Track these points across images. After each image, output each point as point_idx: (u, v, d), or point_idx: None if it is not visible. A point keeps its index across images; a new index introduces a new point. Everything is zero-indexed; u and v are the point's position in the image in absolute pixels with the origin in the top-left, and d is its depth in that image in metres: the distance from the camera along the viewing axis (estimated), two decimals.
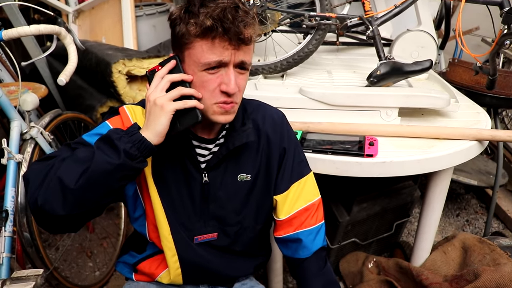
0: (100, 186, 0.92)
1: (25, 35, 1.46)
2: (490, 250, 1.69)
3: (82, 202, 0.92)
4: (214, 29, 0.90)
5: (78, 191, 0.90)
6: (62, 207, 0.91)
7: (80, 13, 3.27)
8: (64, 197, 0.90)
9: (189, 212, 1.13)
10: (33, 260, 1.67)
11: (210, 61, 0.94)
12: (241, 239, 1.21)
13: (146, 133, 0.93)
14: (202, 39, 0.93)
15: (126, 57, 2.16)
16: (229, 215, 1.16)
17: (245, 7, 0.95)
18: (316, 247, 1.19)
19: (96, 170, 0.89)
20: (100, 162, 0.89)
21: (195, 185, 1.11)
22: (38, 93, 1.97)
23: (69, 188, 0.89)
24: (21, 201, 1.59)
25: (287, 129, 1.21)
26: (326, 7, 1.80)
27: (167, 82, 0.96)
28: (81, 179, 0.89)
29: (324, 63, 2.07)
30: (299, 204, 1.18)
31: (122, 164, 0.90)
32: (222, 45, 0.92)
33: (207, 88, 0.97)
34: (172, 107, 0.93)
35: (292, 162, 1.18)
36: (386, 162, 1.35)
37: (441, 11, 2.54)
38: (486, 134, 1.47)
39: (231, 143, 1.09)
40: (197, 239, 1.16)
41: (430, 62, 1.63)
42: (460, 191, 3.00)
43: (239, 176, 1.14)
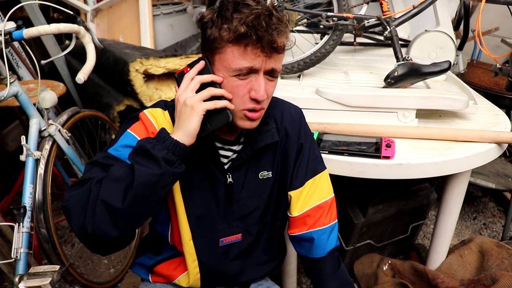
0: (147, 199, 0.91)
1: (45, 33, 1.48)
2: (509, 254, 1.66)
3: (132, 219, 0.92)
4: (248, 36, 0.89)
5: (127, 210, 0.89)
6: (115, 229, 0.90)
7: (98, 12, 3.31)
8: (114, 219, 0.89)
9: (214, 215, 1.13)
10: (49, 256, 1.69)
11: (241, 67, 0.93)
12: (262, 237, 1.22)
13: (178, 135, 0.93)
14: (234, 45, 0.92)
15: (143, 56, 2.18)
16: (252, 214, 1.17)
17: (278, 14, 0.94)
18: (330, 247, 1.19)
19: (141, 184, 0.88)
20: (143, 175, 0.88)
21: (219, 186, 1.11)
22: (56, 91, 1.99)
23: (117, 208, 0.88)
24: (38, 198, 1.61)
25: (304, 125, 1.21)
26: (343, 8, 1.79)
27: (197, 83, 0.95)
28: (127, 197, 0.88)
29: (341, 63, 2.06)
30: (313, 201, 1.18)
31: (164, 173, 0.89)
32: (254, 52, 0.92)
33: (237, 94, 0.96)
34: (202, 107, 0.92)
35: (307, 159, 1.18)
36: (403, 164, 1.34)
37: (460, 11, 2.51)
38: (506, 137, 1.44)
39: (255, 144, 1.08)
40: (223, 242, 1.16)
41: (448, 64, 1.61)
42: (477, 194, 2.95)
43: (261, 174, 1.14)
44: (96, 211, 0.88)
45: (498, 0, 1.62)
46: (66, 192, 0.98)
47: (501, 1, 1.62)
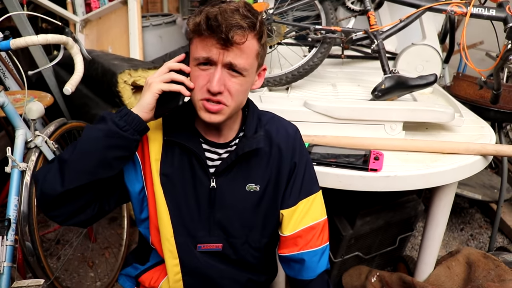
0: (93, 153, 0.99)
1: (32, 44, 1.47)
2: (495, 265, 1.67)
3: (78, 173, 0.98)
4: (201, 25, 0.95)
5: (73, 161, 0.98)
6: (61, 182, 0.97)
7: (88, 22, 3.31)
8: (61, 172, 0.98)
9: (194, 217, 1.12)
10: (34, 269, 1.66)
11: (199, 56, 0.98)
12: (246, 253, 1.19)
13: (134, 109, 1.03)
14: (197, 36, 0.99)
15: (132, 68, 2.17)
16: (235, 226, 1.15)
17: (247, 13, 0.96)
18: (321, 269, 1.18)
19: (87, 137, 0.99)
20: (91, 131, 1.00)
21: (202, 189, 1.11)
22: (43, 102, 1.98)
23: (64, 159, 0.98)
24: (23, 210, 1.59)
25: (299, 143, 1.20)
26: (331, 21, 1.81)
27: (166, 68, 1.03)
28: (75, 150, 0.99)
29: (329, 76, 2.07)
30: (306, 222, 1.16)
31: (110, 130, 0.98)
32: (211, 43, 0.96)
33: (197, 84, 1.01)
34: (158, 87, 1.01)
35: (302, 178, 1.17)
36: (390, 176, 1.35)
37: (445, 25, 2.55)
38: (491, 149, 1.46)
39: (240, 149, 1.09)
40: (200, 247, 1.15)
41: (434, 77, 1.63)
42: (464, 205, 2.98)
43: (248, 185, 1.13)
44: (51, 169, 1.00)
45: (482, 15, 1.65)
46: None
47: (484, 16, 1.64)
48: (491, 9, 1.65)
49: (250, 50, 0.99)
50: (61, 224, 1.18)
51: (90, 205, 1.08)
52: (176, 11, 4.52)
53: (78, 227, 2.22)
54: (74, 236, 2.38)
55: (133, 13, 2.97)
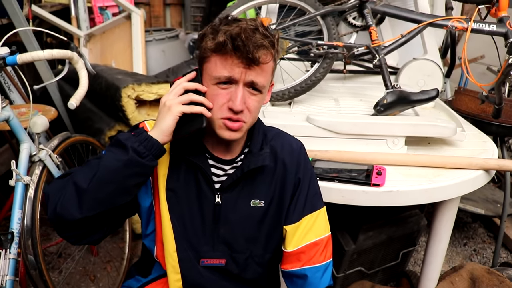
0: (112, 183, 0.97)
1: (38, 59, 1.49)
2: (499, 281, 1.66)
3: (96, 202, 0.97)
4: (225, 45, 0.95)
5: (92, 191, 0.95)
6: (79, 209, 0.96)
7: (92, 37, 3.35)
8: (79, 199, 0.96)
9: (198, 233, 1.13)
10: (36, 283, 1.66)
11: (220, 75, 0.98)
12: (249, 268, 1.19)
13: (153, 132, 1.00)
14: (217, 54, 0.98)
15: (135, 82, 2.19)
16: (239, 241, 1.15)
17: (265, 31, 0.98)
18: (323, 286, 1.17)
19: (106, 167, 0.96)
20: (110, 160, 0.96)
21: (207, 205, 1.11)
22: (48, 116, 1.99)
23: (83, 189, 0.95)
24: (27, 223, 1.59)
25: (304, 159, 1.21)
26: (333, 36, 1.83)
27: (181, 88, 1.01)
28: (93, 179, 0.95)
29: (331, 91, 2.08)
30: (309, 238, 1.16)
31: (130, 160, 0.95)
32: (233, 62, 0.97)
33: (216, 102, 1.01)
34: (178, 109, 0.98)
35: (306, 194, 1.18)
36: (392, 191, 1.35)
37: (446, 40, 2.57)
38: (493, 164, 1.46)
39: (246, 166, 1.10)
40: (203, 262, 1.15)
41: (436, 91, 1.65)
42: (467, 220, 2.97)
43: (252, 201, 1.14)
44: (66, 192, 0.97)
45: (482, 30, 1.67)
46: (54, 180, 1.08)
47: (485, 31, 1.66)
48: (492, 25, 1.67)
49: (269, 68, 1.03)
50: (73, 244, 1.19)
51: (103, 227, 1.08)
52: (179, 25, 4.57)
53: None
54: (76, 250, 2.38)
55: (136, 28, 3.01)
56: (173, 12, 4.53)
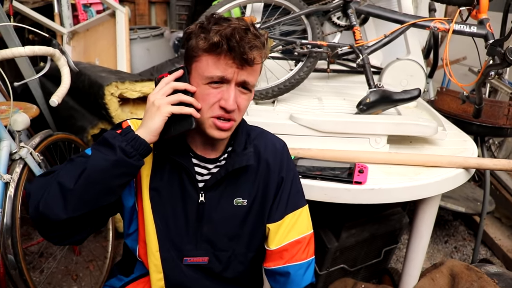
0: (98, 183, 0.95)
1: (19, 56, 1.47)
2: (478, 277, 1.69)
3: (82, 202, 0.95)
4: (220, 46, 0.95)
5: (78, 191, 0.93)
6: (64, 209, 0.93)
7: (75, 34, 3.31)
8: (64, 199, 0.93)
9: (181, 231, 1.13)
10: (16, 283, 1.63)
11: (213, 75, 0.98)
12: (232, 266, 1.19)
13: (140, 131, 0.98)
14: (209, 54, 0.97)
15: (119, 80, 2.17)
16: (222, 240, 1.15)
17: (256, 31, 0.99)
18: (306, 283, 1.18)
19: (94, 167, 0.93)
20: (97, 159, 0.94)
21: (191, 204, 1.11)
22: (29, 113, 1.97)
23: (68, 189, 0.93)
24: (7, 222, 1.57)
25: (287, 158, 1.22)
26: (317, 35, 1.84)
27: (170, 88, 1.00)
28: (80, 179, 0.93)
29: (315, 90, 2.10)
30: (291, 236, 1.17)
31: (118, 160, 0.94)
32: (227, 63, 0.97)
33: (207, 101, 1.00)
34: (168, 110, 0.97)
35: (288, 192, 1.19)
36: (374, 189, 1.36)
37: (429, 41, 2.61)
38: (473, 162, 1.49)
39: (230, 165, 1.10)
40: (186, 260, 1.15)
41: (418, 91, 1.67)
42: (448, 218, 3.01)
43: (235, 200, 1.14)
44: (50, 191, 0.94)
45: (464, 32, 1.69)
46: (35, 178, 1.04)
47: (466, 32, 1.69)
48: (473, 26, 1.70)
49: (258, 67, 1.04)
50: (55, 244, 1.17)
51: (87, 227, 1.07)
52: (164, 24, 4.54)
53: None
54: (58, 249, 2.35)
55: (120, 26, 2.98)
56: (158, 10, 4.50)
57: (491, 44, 1.60)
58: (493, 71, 1.60)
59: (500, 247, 2.62)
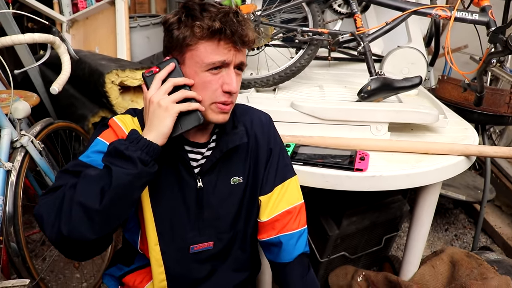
0: (124, 199, 0.92)
1: (19, 43, 1.46)
2: (478, 264, 1.70)
3: (109, 220, 0.92)
4: (223, 31, 0.95)
5: (104, 211, 0.89)
6: (92, 230, 0.90)
7: (74, 22, 3.28)
8: (90, 220, 0.89)
9: (184, 221, 1.13)
10: (19, 270, 1.65)
11: (214, 61, 0.98)
12: (234, 245, 1.22)
13: (151, 136, 0.95)
14: (208, 41, 0.97)
15: (119, 68, 2.16)
16: (224, 221, 1.17)
17: (244, 14, 1.01)
18: (298, 252, 1.20)
19: (119, 185, 0.89)
20: (121, 176, 0.89)
21: (189, 191, 1.11)
22: (29, 102, 1.96)
23: (94, 209, 0.88)
24: (9, 210, 1.57)
25: (273, 131, 1.24)
26: (318, 23, 1.83)
27: (171, 86, 0.98)
28: (105, 197, 0.88)
29: (316, 77, 2.09)
30: (282, 207, 1.20)
31: (140, 173, 0.91)
32: (226, 47, 0.98)
33: (209, 88, 1.00)
34: (177, 109, 0.96)
35: (276, 165, 1.21)
36: (375, 176, 1.36)
37: (431, 29, 2.59)
38: (474, 150, 1.49)
39: (224, 146, 1.11)
40: (193, 249, 1.15)
41: (419, 79, 1.66)
42: (449, 206, 3.02)
43: (232, 179, 1.16)
44: (72, 213, 0.88)
45: (465, 19, 1.68)
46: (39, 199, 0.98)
47: (468, 20, 1.68)
48: (474, 14, 1.68)
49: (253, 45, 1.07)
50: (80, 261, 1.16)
51: (110, 239, 1.07)
52: (163, 12, 4.50)
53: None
54: None
55: (120, 14, 2.96)
56: None
57: (493, 32, 1.59)
58: (495, 59, 1.59)
59: (500, 235, 2.63)
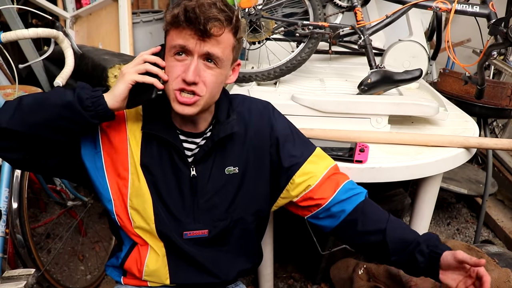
0: (44, 112, 1.00)
1: (23, 38, 1.48)
2: (479, 257, 1.70)
3: (23, 121, 1.00)
4: (179, 17, 0.97)
5: (25, 110, 1.01)
6: (6, 120, 1.00)
7: (78, 18, 3.31)
8: (13, 112, 1.01)
9: (178, 207, 1.15)
10: (24, 261, 1.68)
11: (175, 44, 1.00)
12: (232, 234, 1.22)
13: (106, 95, 1.03)
14: (174, 28, 1.01)
15: (122, 62, 2.18)
16: (219, 209, 1.18)
17: (223, 7, 1.00)
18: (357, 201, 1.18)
19: (48, 98, 1.01)
20: (55, 94, 1.02)
21: (183, 179, 1.13)
22: None
23: (20, 104, 1.01)
24: (14, 202, 1.60)
25: (276, 115, 1.24)
26: (319, 17, 1.84)
27: (141, 60, 1.04)
28: (33, 101, 1.02)
29: (316, 71, 2.10)
30: (313, 180, 1.17)
31: (70, 103, 0.99)
32: (188, 33, 0.99)
33: (172, 73, 1.03)
34: (132, 78, 1.01)
35: (293, 146, 1.20)
36: (375, 167, 1.37)
37: (433, 23, 2.59)
38: (473, 142, 1.49)
39: (216, 135, 1.12)
40: (186, 235, 1.17)
41: (420, 71, 1.67)
42: (451, 200, 3.03)
43: (227, 169, 1.16)
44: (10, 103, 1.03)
45: (466, 11, 1.68)
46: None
47: (468, 12, 1.68)
48: (475, 6, 1.68)
49: (226, 42, 1.03)
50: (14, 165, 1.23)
51: (24, 150, 1.07)
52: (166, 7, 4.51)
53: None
54: (64, 230, 2.39)
55: (123, 10, 2.98)
56: None
57: (493, 24, 1.59)
58: (496, 51, 1.60)
59: (502, 228, 2.63)
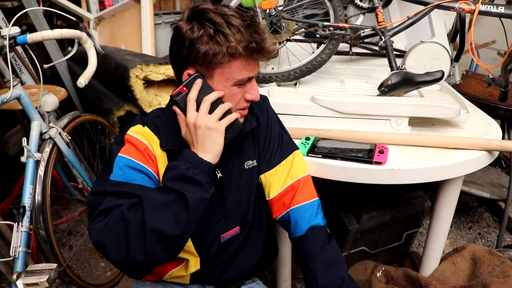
0: (197, 221, 0.99)
1: (48, 38, 1.52)
2: (500, 262, 1.68)
3: (183, 241, 1.00)
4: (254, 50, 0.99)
5: (181, 235, 0.95)
6: (168, 253, 0.97)
7: (101, 20, 3.36)
8: (167, 244, 0.94)
9: (210, 213, 1.17)
10: (47, 256, 1.72)
11: (244, 77, 1.03)
12: (253, 226, 1.26)
13: (207, 156, 1.00)
14: (239, 59, 1.00)
15: (143, 63, 2.22)
16: (246, 204, 1.22)
17: (258, 20, 1.04)
18: (309, 225, 1.19)
19: (195, 210, 0.94)
20: (196, 201, 0.94)
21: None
22: (58, 96, 2.03)
23: (172, 236, 0.92)
24: (38, 198, 1.64)
25: (271, 110, 1.29)
26: (340, 18, 1.83)
27: (208, 105, 1.01)
28: (181, 223, 0.93)
29: (337, 72, 2.09)
30: (287, 181, 1.21)
31: (210, 195, 0.98)
32: (255, 63, 1.03)
33: (235, 99, 1.06)
34: (223, 126, 1.02)
35: (277, 141, 1.25)
36: (394, 169, 1.36)
37: (456, 24, 2.56)
38: (496, 144, 1.47)
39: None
40: (224, 237, 1.20)
41: (441, 73, 1.65)
42: (473, 204, 2.97)
43: (246, 163, 1.20)
44: (147, 241, 0.91)
45: (490, 12, 1.66)
46: (89, 226, 0.99)
47: (493, 13, 1.65)
48: (500, 6, 1.66)
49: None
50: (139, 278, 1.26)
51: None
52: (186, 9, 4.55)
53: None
54: (85, 227, 2.44)
55: (145, 11, 3.02)
56: None
57: None
58: None
59: None
